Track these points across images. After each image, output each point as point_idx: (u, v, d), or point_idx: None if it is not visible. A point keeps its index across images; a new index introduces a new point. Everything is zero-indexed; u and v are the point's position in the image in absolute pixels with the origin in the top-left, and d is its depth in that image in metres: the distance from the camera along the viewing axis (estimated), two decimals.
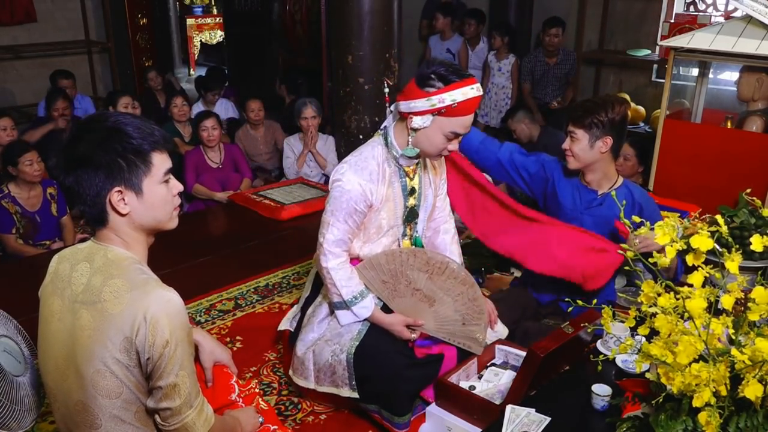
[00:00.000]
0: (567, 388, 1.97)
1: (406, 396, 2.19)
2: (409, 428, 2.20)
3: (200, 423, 1.49)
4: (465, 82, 2.04)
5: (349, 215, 2.16)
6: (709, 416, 1.33)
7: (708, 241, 1.36)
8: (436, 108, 2.04)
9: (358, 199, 2.14)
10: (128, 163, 1.44)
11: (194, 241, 3.75)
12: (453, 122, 2.07)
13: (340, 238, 2.18)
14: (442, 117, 2.06)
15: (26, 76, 6.67)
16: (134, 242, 1.51)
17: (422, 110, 2.06)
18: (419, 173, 2.30)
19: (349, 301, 2.21)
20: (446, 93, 2.02)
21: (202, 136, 4.54)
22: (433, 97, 2.03)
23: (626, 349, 1.53)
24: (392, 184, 2.22)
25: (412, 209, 2.30)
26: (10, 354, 1.67)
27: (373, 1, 4.18)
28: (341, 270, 2.20)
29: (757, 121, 3.49)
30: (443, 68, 2.05)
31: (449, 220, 2.50)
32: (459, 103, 2.03)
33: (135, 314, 1.39)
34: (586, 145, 2.48)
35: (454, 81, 2.03)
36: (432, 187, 2.36)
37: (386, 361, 2.17)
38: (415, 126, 2.09)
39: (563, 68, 5.63)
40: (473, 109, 2.10)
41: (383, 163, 2.20)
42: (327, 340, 2.27)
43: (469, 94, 2.04)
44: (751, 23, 3.31)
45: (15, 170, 3.74)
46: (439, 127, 2.08)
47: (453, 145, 2.13)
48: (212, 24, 10.62)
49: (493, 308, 2.40)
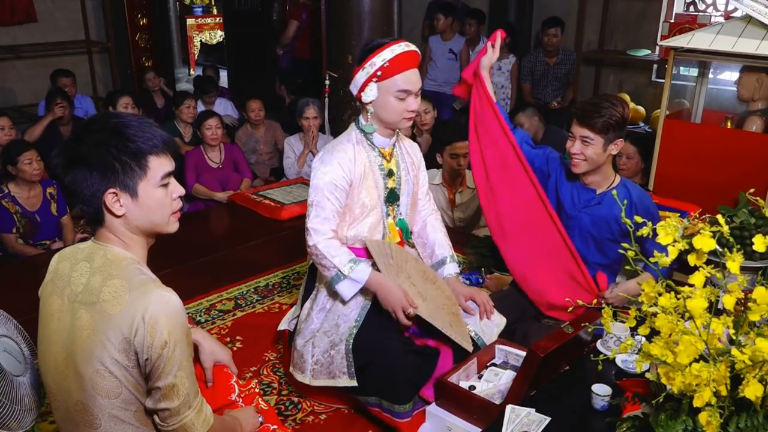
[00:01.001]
0: (567, 388, 1.97)
1: (405, 383, 2.18)
2: (411, 420, 2.20)
3: (199, 423, 1.49)
4: (392, 43, 2.17)
5: (330, 192, 2.23)
6: (710, 416, 1.33)
7: (710, 242, 1.36)
8: (372, 74, 2.16)
9: (337, 175, 2.22)
10: (123, 166, 1.43)
11: (194, 241, 3.74)
12: (396, 81, 2.17)
13: (325, 216, 2.23)
14: (383, 81, 2.17)
15: (26, 76, 6.67)
16: (133, 243, 1.51)
17: (363, 82, 2.19)
18: (396, 157, 2.37)
19: (345, 269, 2.22)
20: (376, 56, 2.15)
21: (205, 135, 4.54)
22: (365, 65, 2.17)
23: (626, 349, 1.53)
24: (370, 163, 2.30)
25: (392, 191, 2.35)
26: (10, 354, 1.67)
27: (373, 1, 4.19)
28: (330, 243, 2.24)
29: (757, 121, 3.49)
30: (374, 41, 2.21)
31: (434, 213, 2.56)
32: (390, 61, 2.14)
33: (134, 315, 1.39)
34: (600, 149, 2.47)
35: (382, 44, 2.17)
36: (410, 174, 2.42)
37: (384, 347, 2.18)
38: (366, 100, 2.22)
39: (563, 68, 5.63)
40: (411, 64, 2.20)
41: (357, 143, 2.30)
42: (325, 332, 2.29)
43: (397, 50, 2.15)
44: (751, 23, 3.31)
45: (15, 169, 3.74)
46: (386, 91, 2.19)
47: (412, 105, 2.21)
48: (212, 24, 10.62)
49: (487, 299, 2.42)
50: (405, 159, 2.42)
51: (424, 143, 4.89)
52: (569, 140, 2.54)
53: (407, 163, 2.42)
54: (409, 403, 2.20)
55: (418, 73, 2.24)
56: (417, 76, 2.22)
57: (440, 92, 5.86)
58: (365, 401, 2.28)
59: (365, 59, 2.17)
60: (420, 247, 2.54)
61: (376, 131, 2.30)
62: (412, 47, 2.20)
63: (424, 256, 2.53)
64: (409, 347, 2.25)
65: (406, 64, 2.18)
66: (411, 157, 2.45)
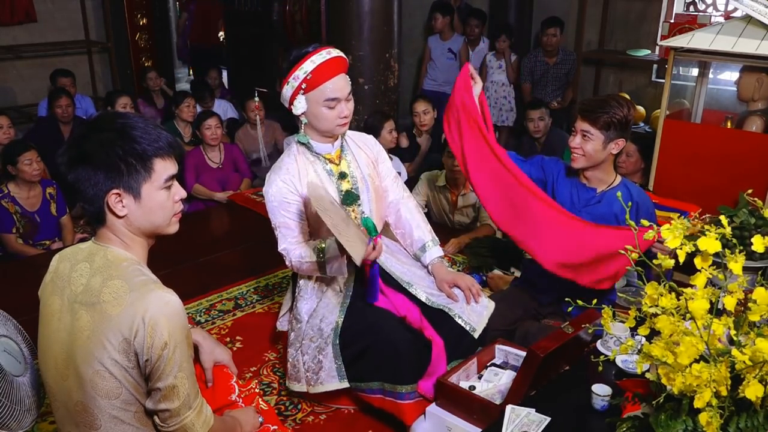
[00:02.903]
0: (567, 388, 1.97)
1: (407, 360, 2.17)
2: (414, 403, 2.18)
3: (199, 424, 1.49)
4: (314, 52, 2.14)
5: (285, 210, 2.25)
6: (710, 417, 1.33)
7: (716, 243, 1.36)
8: (297, 87, 2.15)
9: (284, 191, 2.23)
10: (128, 167, 1.43)
11: (194, 241, 3.75)
12: (322, 90, 2.15)
13: (292, 235, 2.25)
14: (310, 92, 2.16)
15: (26, 76, 6.67)
16: (133, 243, 1.51)
17: (291, 96, 2.18)
18: (346, 158, 2.35)
19: (320, 255, 2.20)
20: (298, 69, 2.13)
21: (205, 134, 4.54)
22: (290, 78, 2.15)
23: (627, 349, 1.52)
24: (316, 172, 2.29)
25: (348, 192, 2.33)
26: (10, 354, 1.67)
27: (373, 1, 4.19)
28: (295, 249, 2.25)
29: (757, 121, 3.49)
30: (299, 50, 2.17)
31: (406, 196, 2.53)
32: (312, 72, 2.12)
33: (134, 316, 1.39)
34: (599, 146, 2.46)
35: (304, 55, 2.13)
36: (367, 169, 2.38)
37: (381, 328, 2.19)
38: (297, 112, 2.21)
39: (563, 68, 5.63)
40: (335, 71, 2.17)
41: (299, 156, 2.29)
42: (311, 338, 2.29)
43: (318, 60, 2.13)
44: (751, 23, 3.31)
45: (14, 170, 3.74)
46: (315, 102, 2.17)
47: (344, 111, 2.19)
48: None
49: (473, 282, 2.40)
50: (358, 157, 2.38)
51: (425, 143, 4.89)
52: (572, 134, 2.53)
53: (361, 160, 2.39)
54: (413, 384, 2.19)
55: (346, 77, 2.22)
56: (344, 81, 2.20)
57: (440, 92, 5.86)
58: (367, 389, 2.26)
59: (289, 72, 2.15)
60: (400, 237, 2.53)
61: (315, 139, 2.28)
62: (334, 53, 2.18)
63: (406, 245, 2.51)
64: (403, 325, 2.25)
65: (330, 72, 2.15)
66: (365, 152, 2.42)
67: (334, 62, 2.17)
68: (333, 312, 2.30)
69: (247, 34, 7.50)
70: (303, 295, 2.37)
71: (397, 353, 2.15)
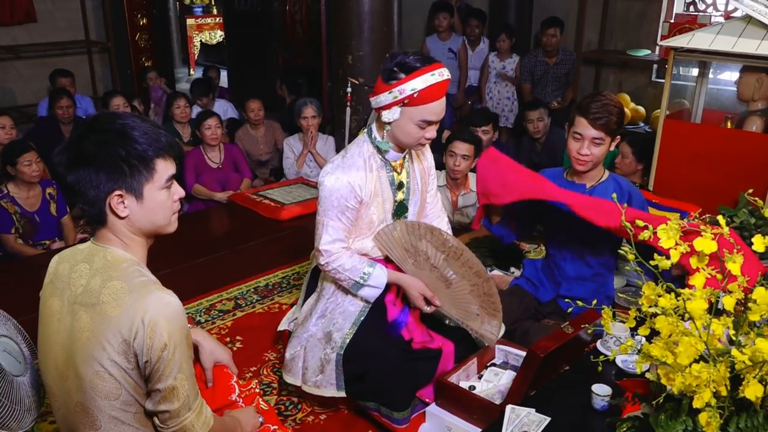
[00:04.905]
0: (567, 388, 1.97)
1: (404, 391, 2.18)
2: (409, 425, 2.20)
3: (199, 425, 1.49)
4: (426, 69, 2.02)
5: (341, 212, 2.16)
6: (710, 417, 1.33)
7: (711, 244, 1.36)
8: (399, 100, 2.04)
9: (348, 196, 2.15)
10: (131, 168, 1.43)
11: (194, 241, 3.75)
12: (421, 110, 2.06)
13: (336, 237, 2.19)
14: (408, 107, 2.06)
15: (26, 76, 6.67)
16: (133, 243, 1.51)
17: (387, 104, 2.07)
18: (407, 167, 2.30)
19: (360, 279, 2.21)
20: (406, 83, 2.02)
21: (205, 134, 4.54)
22: (394, 89, 2.03)
23: (626, 349, 1.53)
24: (380, 179, 2.22)
25: (401, 203, 2.30)
26: (10, 354, 1.67)
27: (373, 1, 4.19)
28: (340, 258, 2.20)
29: (757, 121, 3.49)
30: (407, 58, 2.05)
31: (441, 215, 2.51)
32: (420, 92, 2.02)
33: (133, 317, 1.39)
34: (607, 148, 2.48)
35: (415, 69, 2.02)
36: (421, 181, 2.36)
37: (381, 357, 2.17)
38: (385, 120, 2.11)
39: (563, 68, 5.63)
40: (440, 95, 2.08)
41: (369, 158, 2.21)
42: (319, 339, 2.28)
43: (430, 81, 2.02)
44: (751, 23, 3.31)
45: (14, 170, 3.73)
46: (409, 118, 2.08)
47: (429, 133, 2.13)
48: (212, 24, 10.62)
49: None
50: (416, 167, 2.34)
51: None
52: (576, 141, 2.48)
53: (418, 170, 2.35)
54: (407, 410, 2.20)
55: (445, 101, 2.14)
56: (442, 106, 2.12)
57: None
58: (365, 405, 2.29)
59: (395, 82, 2.03)
60: None
61: (390, 147, 2.21)
62: (445, 76, 2.06)
63: None
64: (408, 355, 2.23)
65: (436, 95, 2.06)
66: (422, 162, 2.38)
67: (442, 86, 2.06)
68: (347, 321, 2.28)
69: (247, 34, 7.50)
70: (324, 295, 2.35)
71: (392, 387, 2.16)
